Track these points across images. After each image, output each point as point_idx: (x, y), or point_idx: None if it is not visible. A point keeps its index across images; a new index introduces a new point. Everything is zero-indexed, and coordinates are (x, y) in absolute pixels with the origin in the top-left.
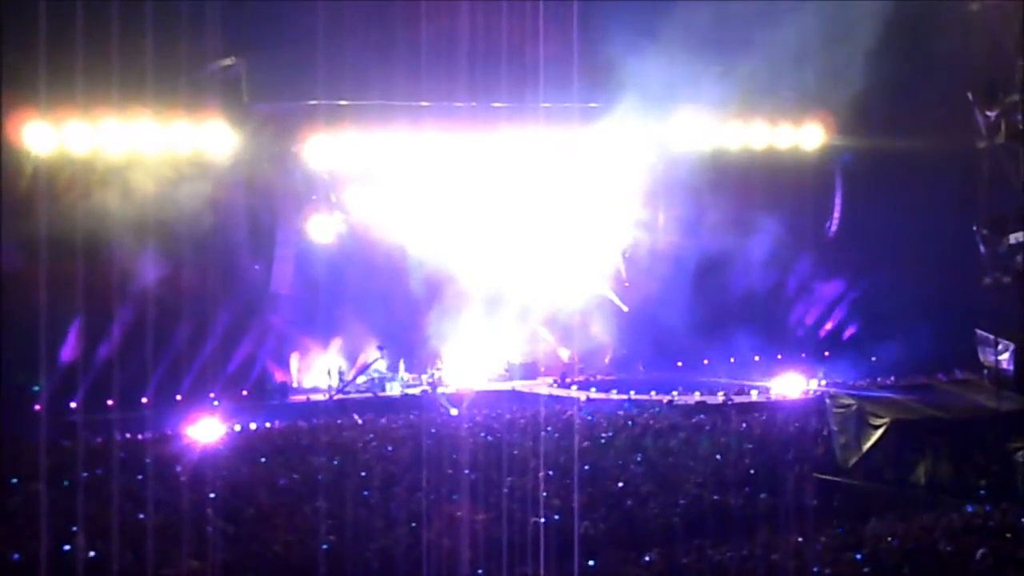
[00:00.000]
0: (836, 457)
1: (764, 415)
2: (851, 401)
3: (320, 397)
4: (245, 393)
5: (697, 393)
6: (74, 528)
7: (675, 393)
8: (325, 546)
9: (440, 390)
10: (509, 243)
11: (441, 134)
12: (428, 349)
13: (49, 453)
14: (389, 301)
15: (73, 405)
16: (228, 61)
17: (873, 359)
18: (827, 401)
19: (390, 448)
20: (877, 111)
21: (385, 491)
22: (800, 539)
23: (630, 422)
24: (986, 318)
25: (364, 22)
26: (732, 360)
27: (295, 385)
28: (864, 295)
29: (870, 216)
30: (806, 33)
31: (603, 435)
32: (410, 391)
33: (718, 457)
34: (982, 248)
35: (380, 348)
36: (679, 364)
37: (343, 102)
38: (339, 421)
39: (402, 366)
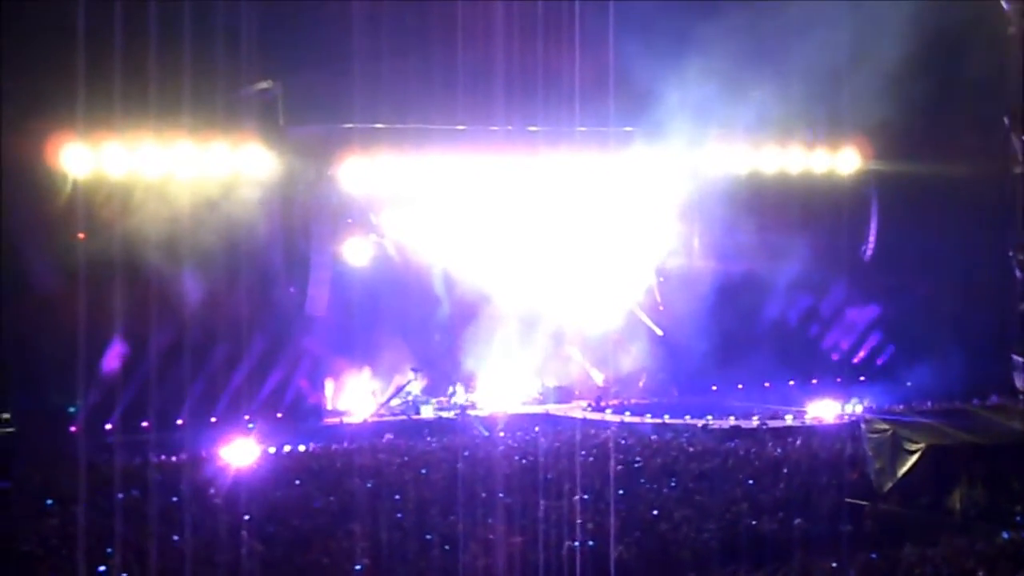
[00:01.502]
0: (871, 482)
1: (799, 440)
2: (886, 426)
3: (355, 419)
4: (280, 415)
5: (731, 418)
6: (110, 550)
7: (709, 417)
8: (359, 568)
9: (473, 412)
10: (544, 266)
11: (477, 157)
12: (462, 372)
13: (85, 474)
14: (424, 324)
15: (109, 426)
16: (265, 84)
17: (908, 384)
18: (862, 426)
19: (424, 471)
20: (913, 136)
21: (419, 514)
22: (834, 564)
23: (664, 446)
24: (1022, 344)
25: (400, 46)
26: (766, 384)
27: (330, 407)
28: (899, 320)
29: (906, 241)
30: (842, 58)
31: (637, 459)
32: (444, 414)
33: (752, 482)
34: (1018, 273)
35: (414, 370)
36: (713, 388)
37: (379, 125)
38: (374, 444)
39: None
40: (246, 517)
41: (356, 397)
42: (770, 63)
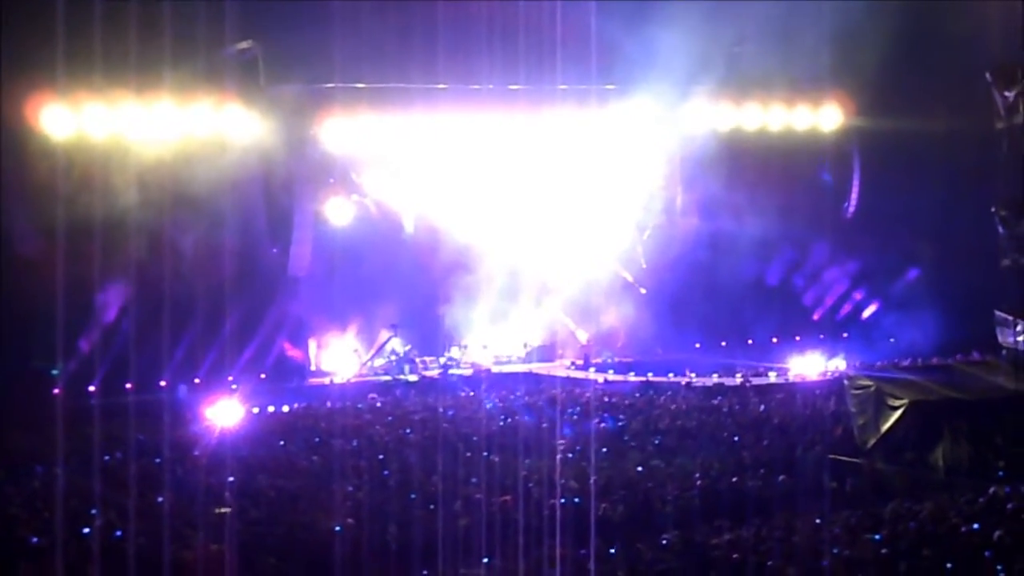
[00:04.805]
0: (854, 438)
1: (782, 396)
2: (869, 382)
3: (338, 379)
4: (263, 376)
5: (715, 375)
6: (93, 511)
7: (693, 375)
8: (338, 528)
9: (456, 371)
10: (527, 225)
11: (458, 116)
12: (445, 331)
13: (67, 437)
14: (407, 283)
15: (91, 388)
16: (245, 44)
17: (891, 340)
18: (845, 382)
19: (408, 431)
20: (895, 91)
21: (403, 473)
22: (818, 520)
23: (648, 404)
24: (1004, 299)
25: (381, 4)
26: (750, 342)
27: (313, 367)
28: (882, 276)
29: (888, 197)
30: (824, 13)
31: (620, 417)
32: (428, 373)
33: (735, 439)
34: (1000, 229)
35: (392, 327)
36: (697, 346)
37: (360, 85)
38: (357, 404)
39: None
40: (230, 478)
41: (339, 357)
42: (752, 18)
